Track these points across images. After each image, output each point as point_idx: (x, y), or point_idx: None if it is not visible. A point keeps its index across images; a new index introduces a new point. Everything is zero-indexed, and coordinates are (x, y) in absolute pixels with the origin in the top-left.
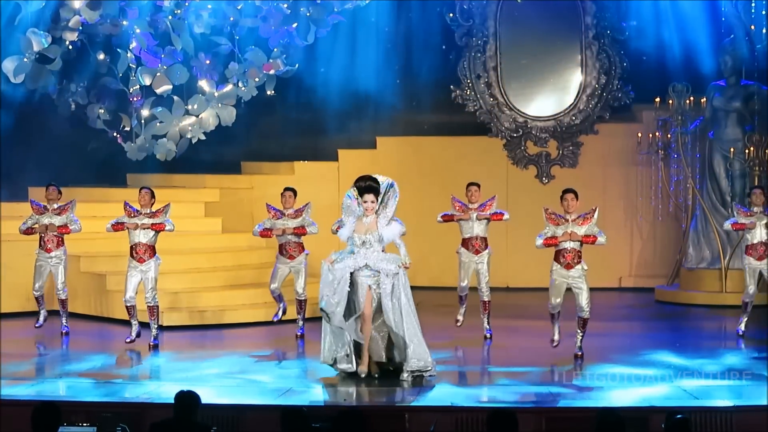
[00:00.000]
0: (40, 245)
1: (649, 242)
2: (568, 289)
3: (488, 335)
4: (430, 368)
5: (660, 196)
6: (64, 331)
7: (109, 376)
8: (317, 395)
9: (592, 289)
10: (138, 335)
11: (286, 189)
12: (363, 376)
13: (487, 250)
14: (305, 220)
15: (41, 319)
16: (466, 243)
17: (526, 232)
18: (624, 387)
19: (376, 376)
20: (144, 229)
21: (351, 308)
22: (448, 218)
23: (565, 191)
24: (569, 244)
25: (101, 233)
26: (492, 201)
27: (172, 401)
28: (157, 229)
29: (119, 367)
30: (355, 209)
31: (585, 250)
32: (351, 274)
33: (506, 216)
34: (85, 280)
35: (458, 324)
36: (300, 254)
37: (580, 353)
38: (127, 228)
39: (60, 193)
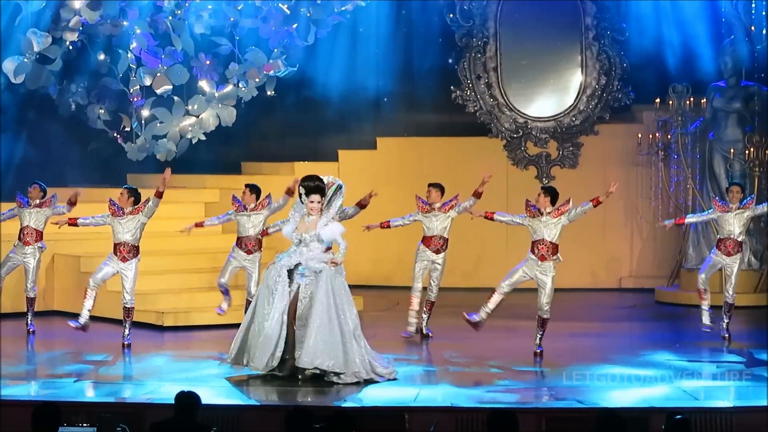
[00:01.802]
0: (19, 238)
1: (649, 243)
2: (535, 290)
3: (429, 333)
4: (339, 371)
5: (660, 196)
6: (31, 330)
7: (108, 376)
8: (313, 395)
9: (592, 290)
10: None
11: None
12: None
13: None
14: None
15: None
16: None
17: (525, 233)
18: (624, 387)
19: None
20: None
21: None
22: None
23: (541, 188)
24: (544, 236)
25: (101, 233)
26: (455, 200)
27: (173, 401)
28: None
29: (118, 367)
30: (297, 208)
31: (586, 251)
32: (289, 271)
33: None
34: (85, 280)
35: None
36: (258, 251)
37: (539, 351)
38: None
39: (43, 192)
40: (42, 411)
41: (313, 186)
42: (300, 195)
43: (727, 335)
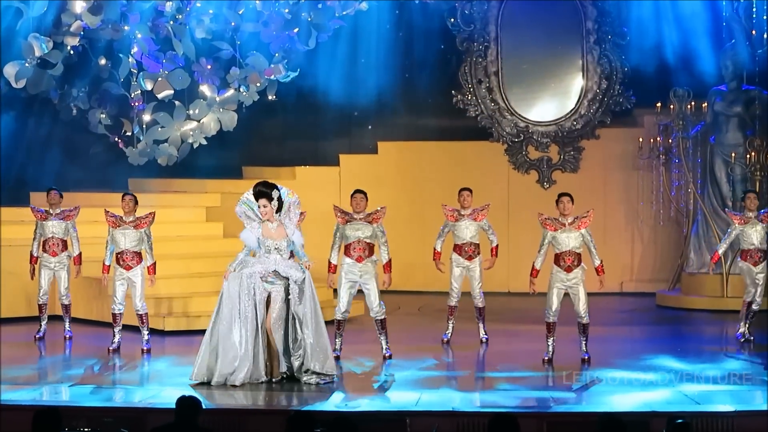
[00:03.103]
0: (44, 249)
1: (650, 247)
2: (566, 295)
3: (485, 340)
4: (330, 372)
5: (661, 200)
6: (67, 336)
7: (109, 381)
8: (315, 399)
9: (592, 294)
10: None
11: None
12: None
13: (479, 256)
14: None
15: (42, 329)
16: (458, 248)
17: (526, 236)
18: (625, 391)
19: (280, 380)
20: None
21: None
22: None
23: (561, 195)
24: (570, 246)
25: (102, 238)
26: (485, 208)
27: (174, 406)
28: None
29: (119, 371)
30: (250, 215)
31: (587, 255)
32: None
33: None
34: (87, 284)
35: (445, 340)
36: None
37: (586, 357)
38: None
39: (61, 197)
40: (43, 416)
41: (261, 191)
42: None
43: (749, 339)
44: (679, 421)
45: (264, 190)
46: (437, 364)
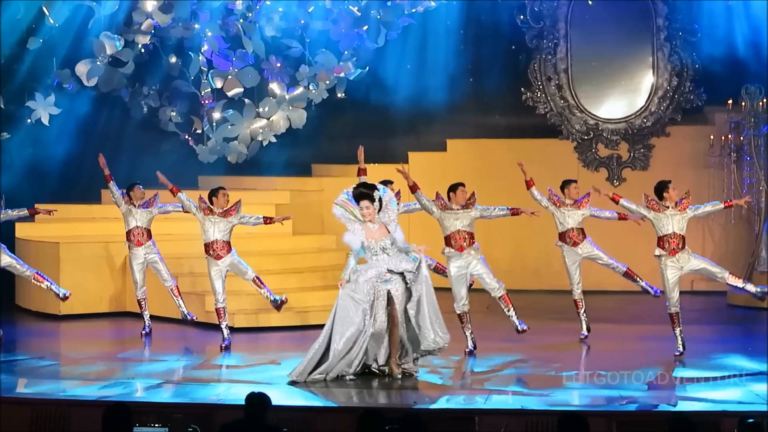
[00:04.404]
0: (129, 239)
1: (720, 245)
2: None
3: (582, 337)
4: (439, 346)
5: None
6: (190, 317)
7: (181, 377)
8: (384, 397)
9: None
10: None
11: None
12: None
13: (587, 239)
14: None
15: (147, 325)
16: (563, 236)
17: (597, 233)
18: (695, 391)
19: (399, 377)
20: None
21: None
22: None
23: (665, 183)
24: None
25: (172, 235)
26: (587, 197)
27: (243, 402)
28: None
29: (192, 368)
30: (350, 218)
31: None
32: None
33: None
34: (157, 281)
35: (583, 337)
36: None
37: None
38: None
39: (144, 193)
40: (113, 411)
41: (360, 193)
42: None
43: None
44: (751, 420)
45: (365, 192)
46: (504, 362)
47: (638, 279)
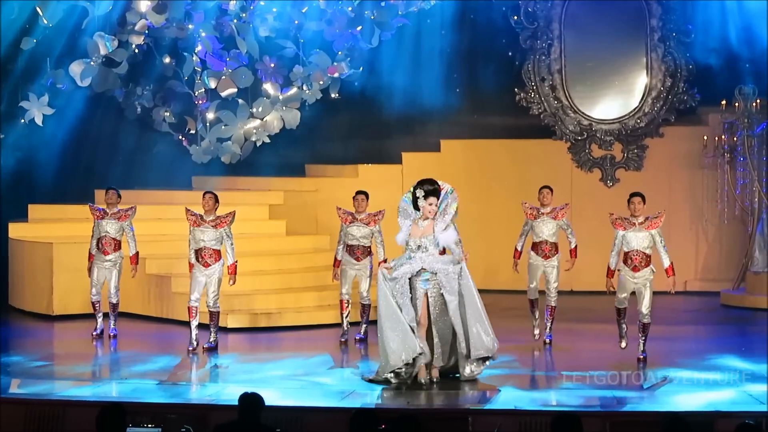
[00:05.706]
0: (98, 247)
1: (714, 246)
2: (633, 293)
3: (548, 340)
4: (491, 355)
5: (726, 199)
6: (112, 334)
7: (173, 377)
8: (379, 398)
9: (656, 293)
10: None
11: (359, 192)
12: (425, 382)
13: (557, 255)
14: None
15: (99, 327)
16: (536, 247)
17: (589, 234)
18: (690, 391)
19: (436, 381)
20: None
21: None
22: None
23: (633, 195)
24: (638, 246)
25: (166, 235)
26: (565, 208)
27: (237, 403)
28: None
29: (183, 369)
30: (411, 213)
31: (652, 254)
32: (409, 279)
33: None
34: (150, 281)
35: (536, 338)
36: (367, 257)
37: (643, 356)
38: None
39: (119, 196)
40: (108, 412)
41: (432, 189)
42: (416, 199)
43: None
44: (749, 421)
45: (432, 188)
46: (500, 362)
47: (548, 321)
